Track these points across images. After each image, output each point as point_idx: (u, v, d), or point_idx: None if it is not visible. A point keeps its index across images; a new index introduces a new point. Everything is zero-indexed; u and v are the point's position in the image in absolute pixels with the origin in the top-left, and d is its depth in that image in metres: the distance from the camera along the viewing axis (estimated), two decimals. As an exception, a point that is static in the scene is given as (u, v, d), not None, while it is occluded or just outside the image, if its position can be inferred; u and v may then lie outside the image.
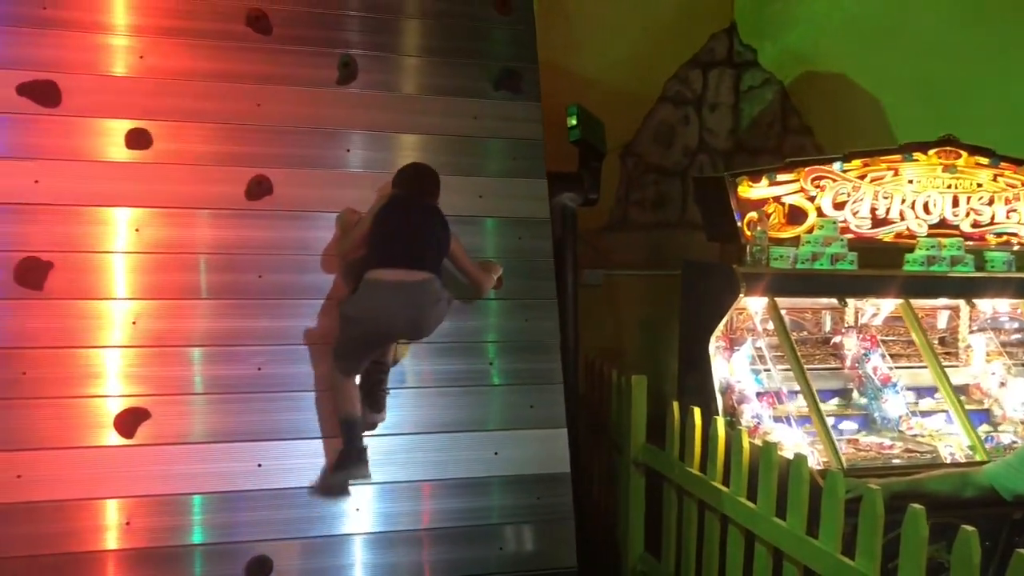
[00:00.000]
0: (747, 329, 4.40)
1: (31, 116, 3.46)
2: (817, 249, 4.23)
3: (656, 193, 5.93)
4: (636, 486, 4.19)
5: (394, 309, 3.33)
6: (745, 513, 3.33)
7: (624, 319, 5.72)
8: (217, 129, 3.65)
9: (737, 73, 6.04)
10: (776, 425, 4.02)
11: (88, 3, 3.63)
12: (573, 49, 5.58)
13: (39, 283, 3.34)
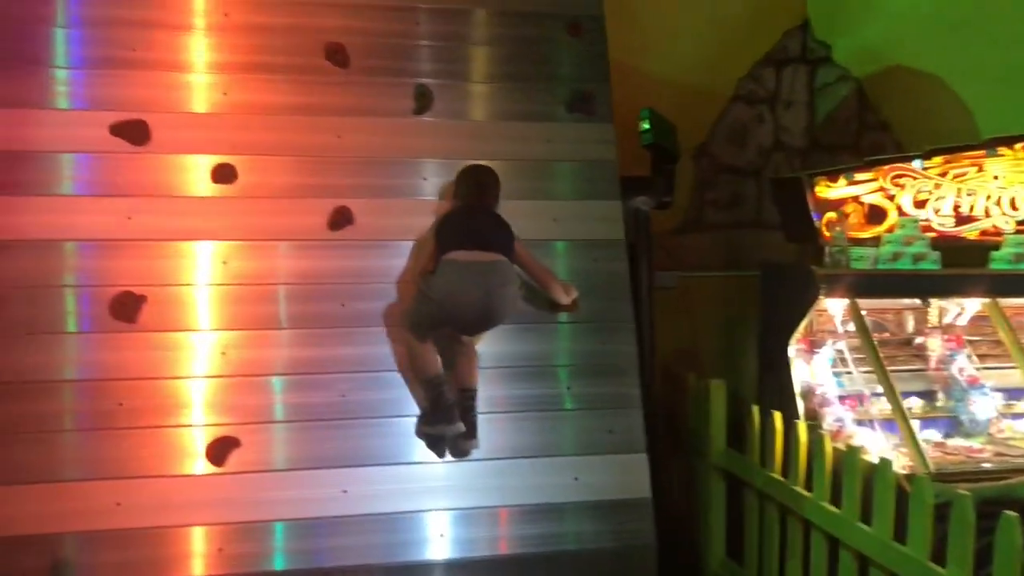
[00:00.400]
0: (827, 331, 4.33)
1: (123, 155, 3.60)
2: (898, 248, 4.15)
3: (731, 193, 5.87)
4: (716, 491, 4.17)
5: (468, 287, 3.36)
6: (829, 518, 3.29)
7: (701, 322, 5.67)
8: (299, 161, 3.74)
9: (811, 70, 5.94)
10: (859, 429, 3.95)
11: (174, 44, 3.76)
12: (643, 51, 5.56)
13: (133, 316, 3.45)
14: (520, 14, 4.11)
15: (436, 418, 3.46)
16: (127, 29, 3.73)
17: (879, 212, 4.24)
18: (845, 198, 4.23)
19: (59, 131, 3.58)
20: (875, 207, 4.24)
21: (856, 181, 4.22)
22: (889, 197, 4.26)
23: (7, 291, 3.39)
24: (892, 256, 4.14)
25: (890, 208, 4.26)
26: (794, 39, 5.92)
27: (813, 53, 5.93)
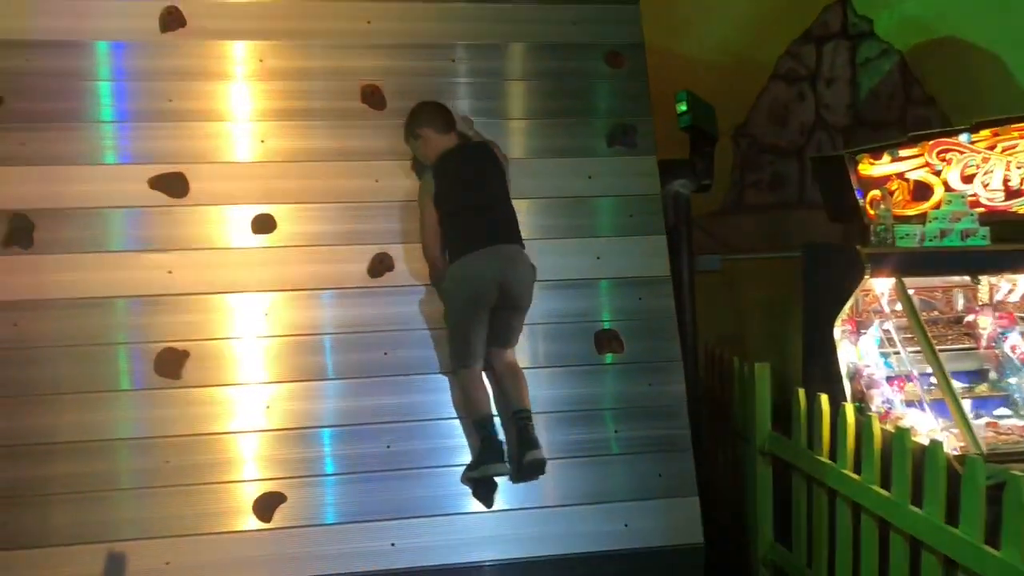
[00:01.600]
0: (874, 311, 4.26)
1: (162, 208, 3.62)
2: (946, 225, 4.06)
3: (772, 174, 5.81)
4: (763, 475, 4.12)
5: (483, 267, 3.44)
6: (879, 501, 3.24)
7: (744, 304, 5.61)
8: (338, 208, 3.74)
9: (853, 45, 5.84)
10: (908, 410, 3.89)
11: (210, 92, 3.78)
12: (678, 31, 5.51)
13: (176, 372, 3.48)
14: (558, 46, 4.07)
15: (484, 458, 3.45)
16: (163, 80, 3.75)
17: (925, 188, 4.16)
18: (889, 175, 4.15)
19: (98, 186, 3.61)
20: (920, 183, 4.16)
21: (900, 158, 4.14)
22: (935, 173, 4.17)
23: (53, 350, 3.44)
24: (939, 233, 4.06)
25: (936, 184, 4.18)
26: (834, 14, 5.82)
27: (854, 28, 5.82)
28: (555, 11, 4.08)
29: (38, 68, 3.67)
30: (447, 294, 3.57)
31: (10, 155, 3.58)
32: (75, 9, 3.74)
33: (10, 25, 3.68)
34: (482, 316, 3.50)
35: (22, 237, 3.52)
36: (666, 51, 5.28)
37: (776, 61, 5.75)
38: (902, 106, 5.77)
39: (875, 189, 4.13)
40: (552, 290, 3.77)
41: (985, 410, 4.10)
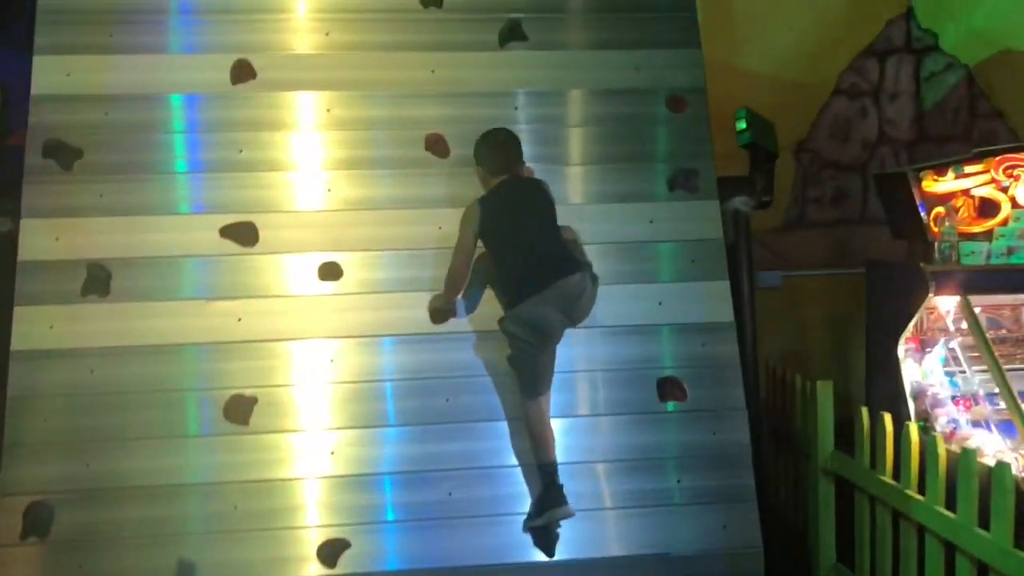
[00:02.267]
0: (939, 329, 4.20)
1: (233, 256, 3.71)
2: (1013, 242, 4.00)
3: (834, 189, 5.76)
4: (825, 495, 4.08)
5: (548, 310, 3.40)
6: (944, 523, 3.19)
7: (806, 321, 5.57)
8: (402, 255, 3.76)
9: (917, 59, 5.78)
10: (974, 430, 3.83)
11: (279, 142, 3.85)
12: (739, 46, 5.51)
13: (245, 419, 3.54)
14: (619, 92, 4.04)
15: (547, 502, 3.45)
16: (234, 131, 3.84)
17: (991, 205, 4.10)
18: (954, 191, 4.10)
19: (172, 236, 3.70)
20: (986, 200, 4.10)
21: (965, 174, 4.09)
22: (1002, 189, 4.11)
23: (126, 396, 3.53)
24: (1007, 250, 4.00)
25: (1003, 200, 4.11)
26: (898, 28, 5.77)
27: (918, 42, 5.76)
28: (616, 56, 4.05)
29: (116, 121, 3.80)
30: (514, 336, 3.47)
31: (89, 206, 3.70)
32: (150, 64, 3.86)
33: (89, 80, 3.82)
34: (550, 350, 3.51)
35: (99, 286, 3.62)
36: (726, 67, 5.29)
37: (838, 76, 5.71)
38: (968, 121, 5.69)
39: (939, 206, 4.08)
40: (613, 336, 3.75)
41: (1055, 431, 4.01)
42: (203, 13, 3.96)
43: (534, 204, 3.57)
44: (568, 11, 4.14)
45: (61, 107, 3.79)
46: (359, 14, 3.99)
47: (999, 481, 2.91)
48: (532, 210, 3.55)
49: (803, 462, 4.31)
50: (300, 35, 3.97)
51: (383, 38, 3.98)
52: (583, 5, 4.16)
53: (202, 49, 3.92)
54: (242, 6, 3.96)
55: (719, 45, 5.18)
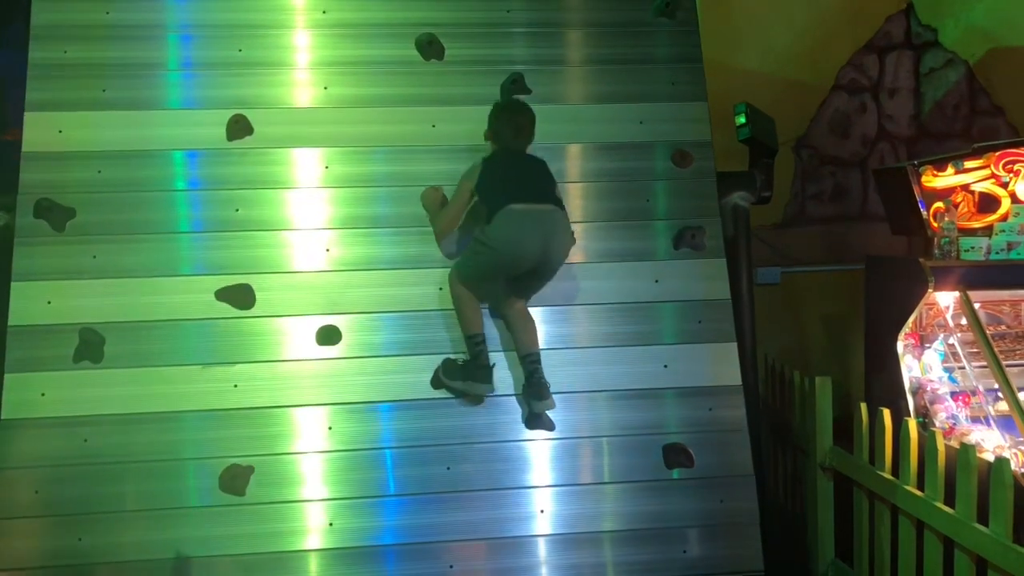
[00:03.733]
0: (938, 325, 4.20)
1: (229, 320, 3.62)
2: (1013, 238, 4.00)
3: (834, 185, 5.75)
4: (824, 491, 4.07)
5: (528, 235, 3.40)
6: (943, 519, 3.18)
7: (805, 318, 5.57)
8: (402, 317, 3.68)
9: (917, 55, 5.77)
10: (974, 426, 3.82)
11: (276, 200, 3.76)
12: (737, 44, 5.50)
13: (241, 489, 3.45)
14: (622, 146, 3.96)
15: (472, 375, 3.52)
16: (230, 188, 3.75)
17: (991, 200, 4.09)
18: (954, 187, 4.09)
19: (167, 298, 3.61)
20: (986, 195, 4.09)
21: (965, 169, 4.08)
22: (1002, 184, 4.10)
23: (120, 466, 3.45)
24: (1007, 246, 3.99)
25: (1003, 196, 4.10)
26: (897, 24, 5.76)
27: (918, 38, 5.75)
28: (621, 110, 3.98)
29: (109, 179, 3.72)
30: (481, 248, 3.49)
31: (82, 268, 3.62)
32: (144, 120, 3.79)
33: (82, 137, 3.74)
34: (506, 274, 3.53)
35: (92, 351, 3.54)
36: (726, 63, 5.28)
37: (838, 72, 5.70)
38: (968, 117, 5.69)
39: (939, 201, 4.07)
40: (617, 401, 3.67)
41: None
42: (199, 67, 3.87)
43: (535, 173, 3.57)
44: (570, 64, 4.05)
45: (53, 165, 3.70)
46: (358, 67, 3.91)
47: (998, 477, 2.91)
48: (532, 176, 3.55)
49: (802, 458, 4.30)
50: (298, 89, 3.88)
51: (383, 92, 3.90)
52: (586, 58, 4.07)
53: (198, 104, 3.83)
54: (239, 60, 3.88)
55: (720, 41, 5.18)
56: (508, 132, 3.61)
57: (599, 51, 4.06)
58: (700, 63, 4.09)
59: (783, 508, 4.69)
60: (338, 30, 3.94)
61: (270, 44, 3.91)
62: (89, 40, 3.84)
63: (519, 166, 3.57)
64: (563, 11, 4.10)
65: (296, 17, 3.95)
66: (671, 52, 4.09)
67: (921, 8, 5.70)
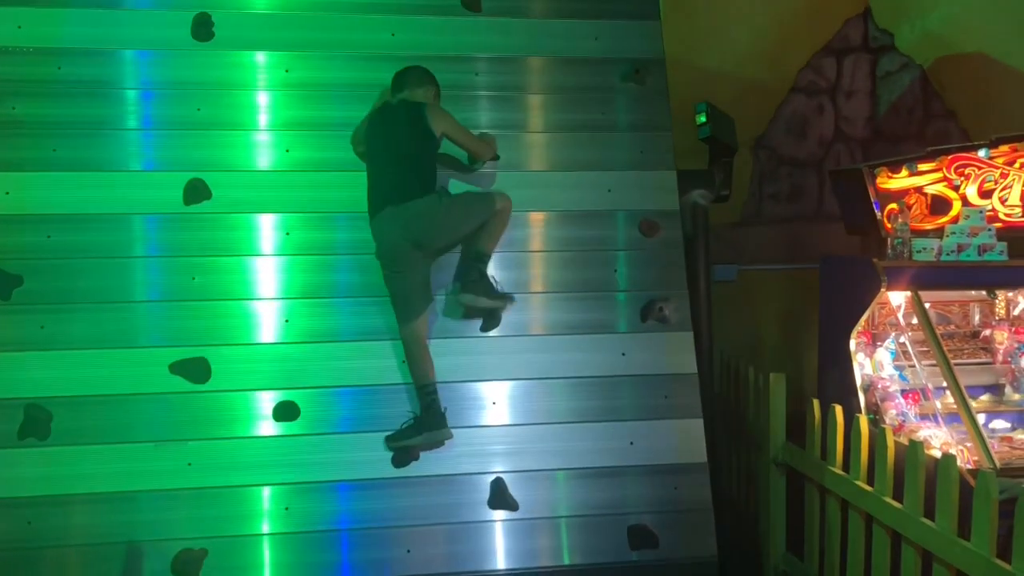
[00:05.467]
0: (890, 324, 4.28)
1: (184, 395, 3.49)
2: (963, 240, 4.08)
3: (791, 186, 5.82)
4: (776, 485, 4.14)
5: (391, 234, 3.47)
6: (891, 514, 3.25)
7: (760, 315, 5.64)
8: (361, 392, 3.60)
9: (873, 59, 5.85)
10: (922, 423, 3.90)
11: (234, 267, 3.66)
12: (699, 43, 5.54)
13: (195, 572, 3.33)
14: (587, 214, 3.90)
15: (427, 425, 3.47)
16: (187, 254, 3.65)
17: (943, 203, 4.18)
18: (907, 189, 4.17)
19: (118, 371, 3.48)
20: (938, 197, 4.17)
21: (919, 172, 4.16)
22: (954, 188, 4.19)
23: (66, 550, 3.32)
24: (957, 247, 4.08)
25: (955, 198, 4.19)
26: (855, 28, 5.83)
27: (876, 41, 5.84)
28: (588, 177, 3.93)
29: (59, 244, 3.58)
30: (382, 271, 3.59)
31: (29, 339, 3.47)
32: (97, 181, 3.65)
33: (31, 198, 3.60)
34: (404, 271, 3.52)
35: (38, 428, 3.40)
36: (687, 62, 5.32)
37: (796, 74, 5.77)
38: (921, 120, 5.79)
39: (893, 202, 4.14)
40: (581, 479, 3.60)
41: (1001, 423, 4.11)
42: (155, 127, 3.75)
43: (408, 127, 3.55)
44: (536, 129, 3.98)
45: (1, 228, 3.57)
46: (321, 129, 3.82)
47: (944, 473, 2.97)
48: (405, 132, 3.54)
49: (755, 453, 4.36)
50: (258, 151, 3.79)
51: (345, 155, 3.79)
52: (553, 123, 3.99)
53: (154, 166, 3.70)
54: (197, 120, 3.76)
55: (680, 41, 5.21)
56: (392, 86, 3.66)
57: (566, 117, 4.00)
58: (669, 131, 4.02)
59: (736, 502, 4.75)
60: (300, 91, 3.85)
61: (230, 104, 3.80)
62: (39, 96, 3.69)
63: (392, 127, 3.55)
64: (529, 75, 4.03)
65: (258, 76, 3.85)
66: (639, 119, 4.02)
67: (879, 12, 5.79)
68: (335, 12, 3.91)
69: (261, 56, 3.86)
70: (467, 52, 3.95)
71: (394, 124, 3.57)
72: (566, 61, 4.03)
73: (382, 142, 3.57)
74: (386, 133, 3.56)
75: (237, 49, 3.84)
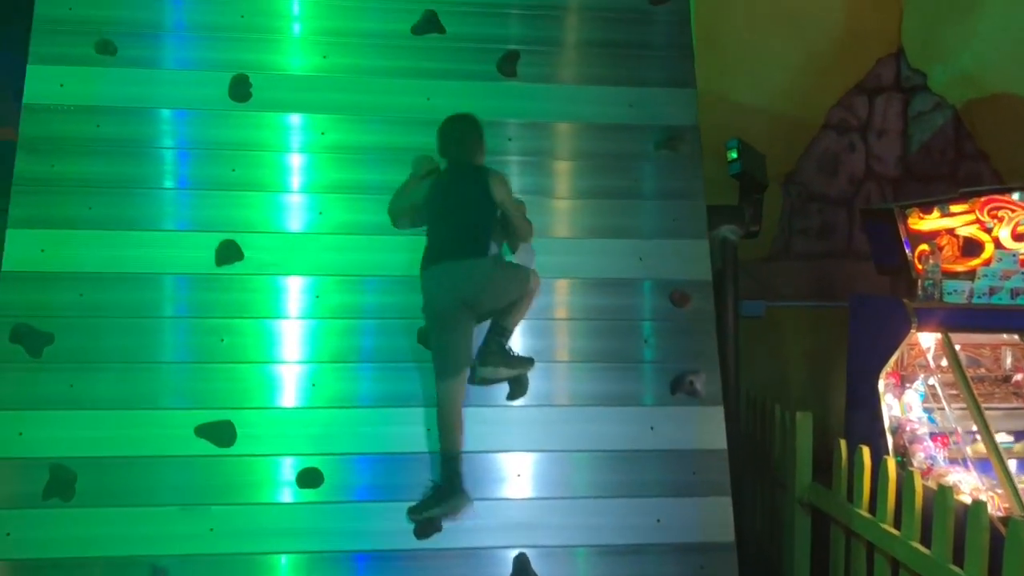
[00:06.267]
0: (919, 365, 4.23)
1: (209, 458, 3.45)
2: (995, 283, 4.04)
3: (821, 223, 5.81)
4: (801, 526, 4.09)
5: (442, 292, 3.44)
6: (919, 560, 3.21)
7: (788, 352, 5.61)
8: (385, 459, 3.53)
9: (906, 98, 5.86)
10: (951, 467, 3.85)
11: (262, 330, 3.62)
12: (731, 78, 5.56)
13: None
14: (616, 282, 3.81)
15: (447, 497, 3.41)
16: (216, 316, 3.62)
17: (975, 245, 4.14)
18: (939, 230, 4.14)
19: (145, 433, 3.45)
20: (970, 240, 4.14)
21: (951, 213, 4.14)
22: (986, 230, 4.15)
23: None
24: (988, 290, 4.04)
25: (987, 241, 4.15)
26: (888, 67, 5.84)
27: (908, 81, 5.84)
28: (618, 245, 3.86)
29: (90, 303, 3.57)
30: (426, 322, 3.58)
31: (57, 397, 3.45)
32: (130, 241, 3.64)
33: (64, 256, 3.59)
34: (450, 327, 3.46)
35: (63, 488, 3.36)
36: (719, 97, 5.34)
37: (828, 111, 5.78)
38: (953, 161, 5.76)
39: (924, 243, 4.12)
40: (607, 556, 3.48)
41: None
42: (189, 186, 3.75)
43: (467, 189, 3.56)
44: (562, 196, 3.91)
45: (33, 286, 3.55)
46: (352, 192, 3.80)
47: (975, 520, 2.93)
48: (463, 194, 3.55)
49: (780, 492, 4.32)
50: (291, 212, 3.77)
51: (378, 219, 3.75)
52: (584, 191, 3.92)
53: (187, 226, 3.69)
54: (231, 180, 3.76)
55: (713, 75, 5.23)
56: (449, 143, 3.63)
57: (598, 183, 3.93)
58: (702, 199, 3.95)
59: (760, 542, 4.70)
60: (335, 153, 3.85)
61: (265, 164, 3.81)
62: (78, 154, 3.71)
63: (452, 187, 3.57)
64: (561, 140, 3.99)
65: (292, 137, 3.85)
66: (672, 186, 3.95)
67: (911, 52, 5.79)
68: (372, 76, 3.93)
69: (297, 118, 3.87)
70: (501, 117, 3.93)
71: (459, 185, 3.59)
72: (599, 127, 4.00)
73: (445, 201, 3.58)
74: (451, 192, 3.58)
75: (274, 111, 3.86)
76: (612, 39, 4.09)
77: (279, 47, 3.94)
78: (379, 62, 3.95)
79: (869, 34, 5.79)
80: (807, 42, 5.69)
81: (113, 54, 3.82)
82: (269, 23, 3.95)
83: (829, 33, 5.74)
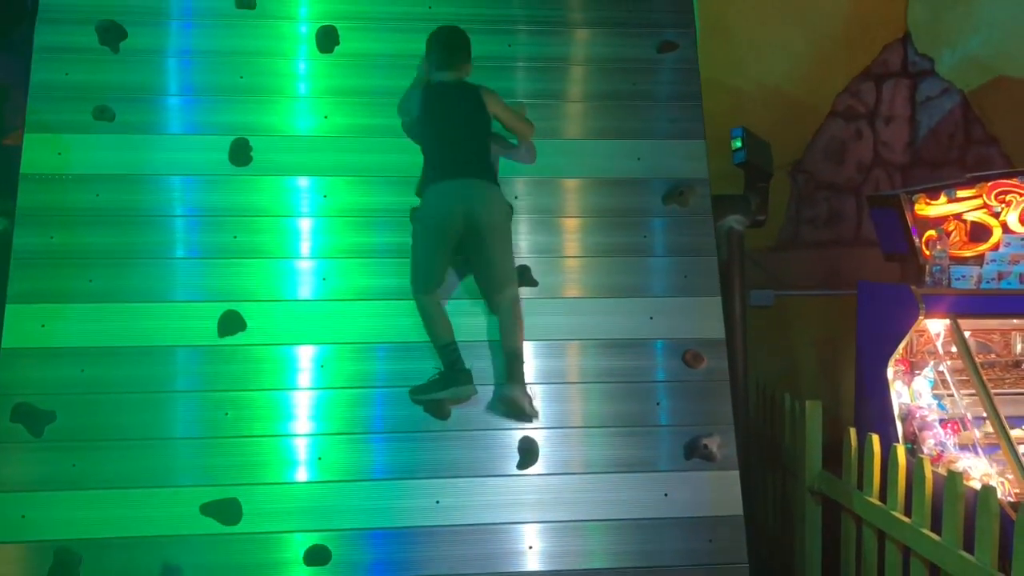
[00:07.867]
0: (928, 352, 4.22)
1: (214, 536, 3.35)
2: (1004, 268, 4.02)
3: (828, 210, 5.78)
4: (812, 514, 4.09)
5: (448, 204, 3.50)
6: (929, 545, 3.20)
7: (797, 341, 5.59)
8: (395, 535, 3.43)
9: (913, 84, 5.82)
10: (961, 453, 3.84)
11: (267, 402, 3.52)
12: (737, 67, 5.54)
13: None
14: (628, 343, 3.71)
15: (452, 381, 3.45)
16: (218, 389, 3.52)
17: (983, 230, 4.13)
18: (946, 215, 4.13)
19: (149, 513, 3.35)
20: (978, 224, 4.12)
21: (958, 198, 4.12)
22: (994, 214, 4.14)
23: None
24: (997, 275, 4.03)
25: (995, 225, 4.14)
26: (894, 53, 5.80)
27: (915, 66, 5.80)
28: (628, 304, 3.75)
29: (93, 379, 3.47)
30: (415, 219, 3.64)
31: (60, 478, 3.35)
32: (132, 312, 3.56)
33: (65, 331, 3.51)
34: (443, 247, 3.54)
35: (68, 573, 3.24)
36: (723, 85, 5.32)
37: (834, 98, 5.75)
38: (962, 146, 5.73)
39: (931, 229, 4.11)
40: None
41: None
42: (191, 256, 3.66)
43: (467, 105, 3.63)
44: (571, 254, 3.83)
45: (33, 363, 3.45)
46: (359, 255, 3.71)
47: (984, 505, 2.93)
48: (463, 110, 3.62)
49: (791, 481, 4.32)
50: (295, 279, 3.67)
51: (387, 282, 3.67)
52: (591, 247, 3.84)
53: (189, 296, 3.60)
54: (233, 248, 3.66)
55: (718, 64, 5.21)
56: (442, 58, 3.68)
57: (607, 240, 3.83)
58: (714, 256, 3.86)
59: (771, 530, 4.70)
60: (339, 216, 3.74)
61: (266, 228, 3.70)
62: (77, 224, 3.61)
63: (452, 104, 3.63)
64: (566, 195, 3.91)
65: (295, 201, 3.75)
66: (684, 242, 3.86)
67: (918, 37, 5.76)
68: (374, 136, 3.85)
69: (299, 181, 3.77)
70: (509, 175, 3.83)
71: (455, 103, 3.64)
72: (607, 182, 3.90)
73: (444, 120, 3.63)
74: (448, 111, 3.62)
75: (275, 174, 3.77)
76: (619, 90, 4.01)
77: (279, 108, 3.85)
78: (382, 120, 3.86)
79: (875, 19, 5.75)
80: (813, 29, 5.66)
81: (111, 120, 3.74)
82: (268, 83, 3.87)
83: (834, 19, 5.70)
